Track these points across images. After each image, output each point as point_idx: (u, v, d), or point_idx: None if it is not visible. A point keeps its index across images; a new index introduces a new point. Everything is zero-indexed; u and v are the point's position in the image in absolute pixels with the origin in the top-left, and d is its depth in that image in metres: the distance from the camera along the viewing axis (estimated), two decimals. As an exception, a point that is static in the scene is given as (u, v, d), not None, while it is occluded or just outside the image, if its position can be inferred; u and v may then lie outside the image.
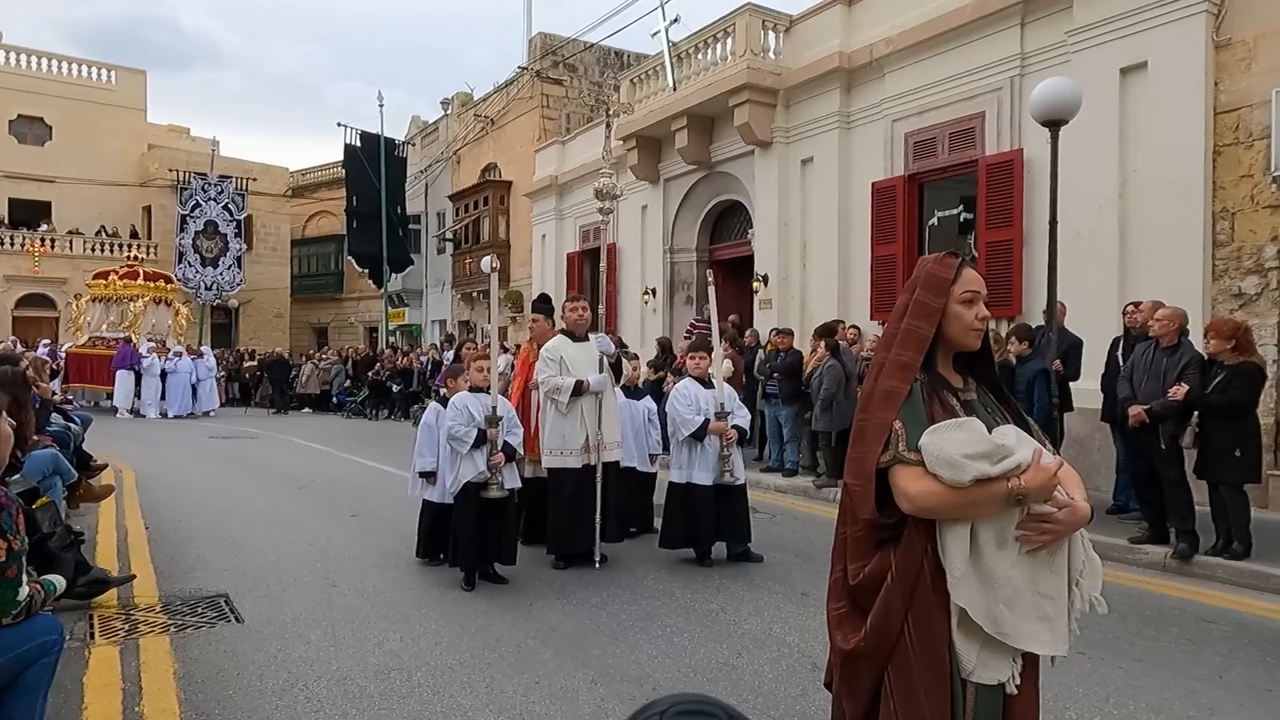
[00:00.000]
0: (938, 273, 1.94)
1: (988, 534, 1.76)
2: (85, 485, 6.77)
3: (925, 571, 1.80)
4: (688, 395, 6.06)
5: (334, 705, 3.56)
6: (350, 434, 15.91)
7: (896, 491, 1.79)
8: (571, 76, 22.79)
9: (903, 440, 1.81)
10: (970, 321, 1.91)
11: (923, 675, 1.78)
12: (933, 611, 1.79)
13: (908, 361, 1.88)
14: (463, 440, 5.25)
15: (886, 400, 1.86)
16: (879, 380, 1.91)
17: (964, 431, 1.76)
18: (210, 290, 28.37)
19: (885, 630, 1.81)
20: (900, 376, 1.87)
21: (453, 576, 5.45)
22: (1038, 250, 8.80)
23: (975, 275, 1.94)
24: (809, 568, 5.90)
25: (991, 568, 1.75)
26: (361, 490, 9.15)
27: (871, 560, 1.88)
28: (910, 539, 1.82)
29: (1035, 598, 1.77)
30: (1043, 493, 1.73)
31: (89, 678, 3.82)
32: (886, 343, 1.97)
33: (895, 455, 1.80)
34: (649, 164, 15.72)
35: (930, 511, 1.77)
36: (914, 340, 1.90)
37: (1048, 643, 1.79)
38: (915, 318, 1.92)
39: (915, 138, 10.93)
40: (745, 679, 3.88)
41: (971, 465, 1.71)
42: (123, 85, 31.03)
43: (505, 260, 22.44)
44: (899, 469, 1.79)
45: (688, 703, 0.86)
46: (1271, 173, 7.52)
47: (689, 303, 15.72)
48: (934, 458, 1.74)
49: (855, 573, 1.91)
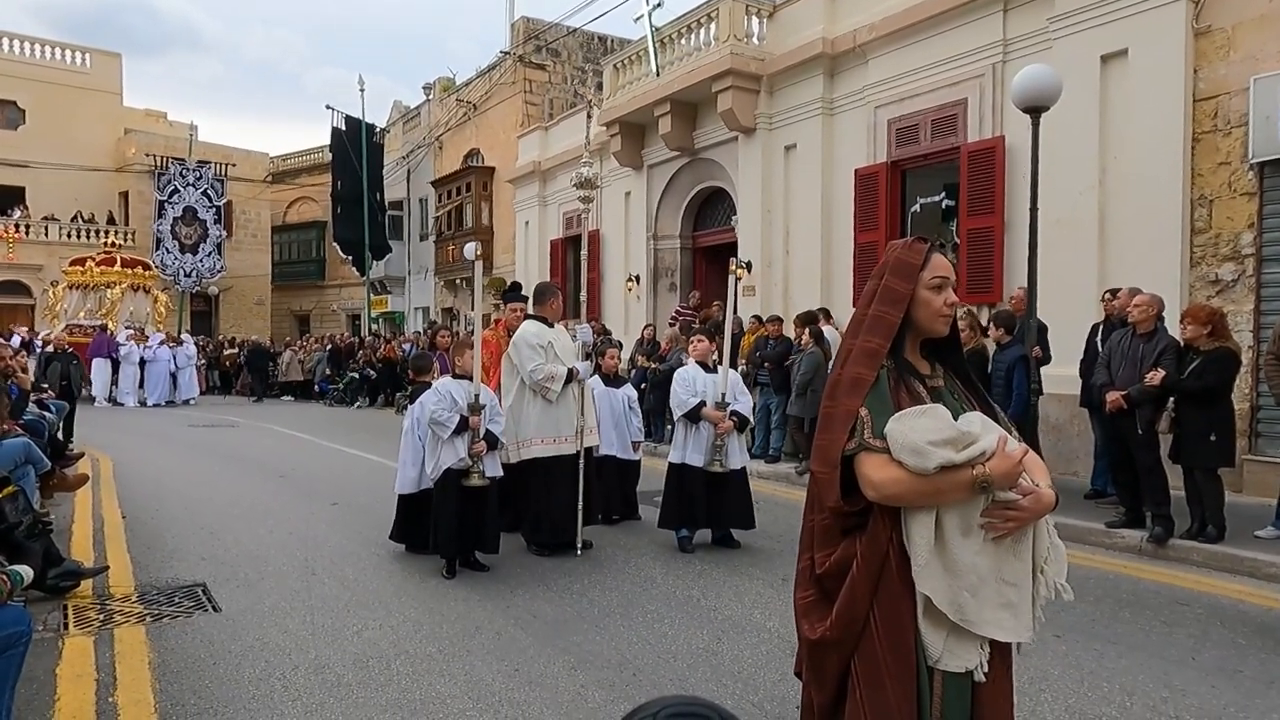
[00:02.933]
0: (906, 258, 1.92)
1: (952, 521, 1.76)
2: (59, 475, 6.68)
3: (891, 559, 1.79)
4: (687, 378, 6.07)
5: (311, 694, 3.53)
6: (332, 422, 15.81)
7: (861, 479, 1.78)
8: (554, 62, 22.63)
9: (868, 427, 1.79)
10: (939, 307, 1.89)
11: (889, 664, 1.77)
12: (899, 600, 1.78)
13: (875, 348, 1.87)
14: (444, 425, 5.22)
15: (853, 387, 1.84)
16: (846, 366, 1.89)
17: (929, 418, 1.76)
18: (189, 277, 28.07)
19: (851, 619, 1.80)
20: (867, 363, 1.85)
21: (433, 564, 5.43)
22: (1018, 237, 8.85)
23: (944, 260, 1.93)
24: (790, 554, 5.89)
25: (956, 555, 1.75)
26: (342, 479, 9.09)
27: (838, 548, 1.87)
28: (875, 527, 1.81)
29: (999, 585, 1.76)
30: (1007, 479, 1.72)
31: (62, 669, 3.78)
32: (854, 329, 1.95)
33: (860, 443, 1.79)
34: (632, 150, 15.64)
35: (895, 499, 1.76)
36: (881, 326, 1.88)
37: (1011, 630, 1.78)
38: (883, 303, 1.90)
39: (898, 124, 10.93)
40: (725, 664, 3.89)
41: (936, 452, 1.70)
42: (97, 68, 30.52)
43: (488, 247, 22.32)
44: (864, 456, 1.78)
45: (680, 704, 0.85)
46: (1249, 160, 7.58)
47: (673, 289, 15.70)
48: (899, 445, 1.73)
49: (821, 561, 1.90)
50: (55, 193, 28.44)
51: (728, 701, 3.47)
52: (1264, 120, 7.41)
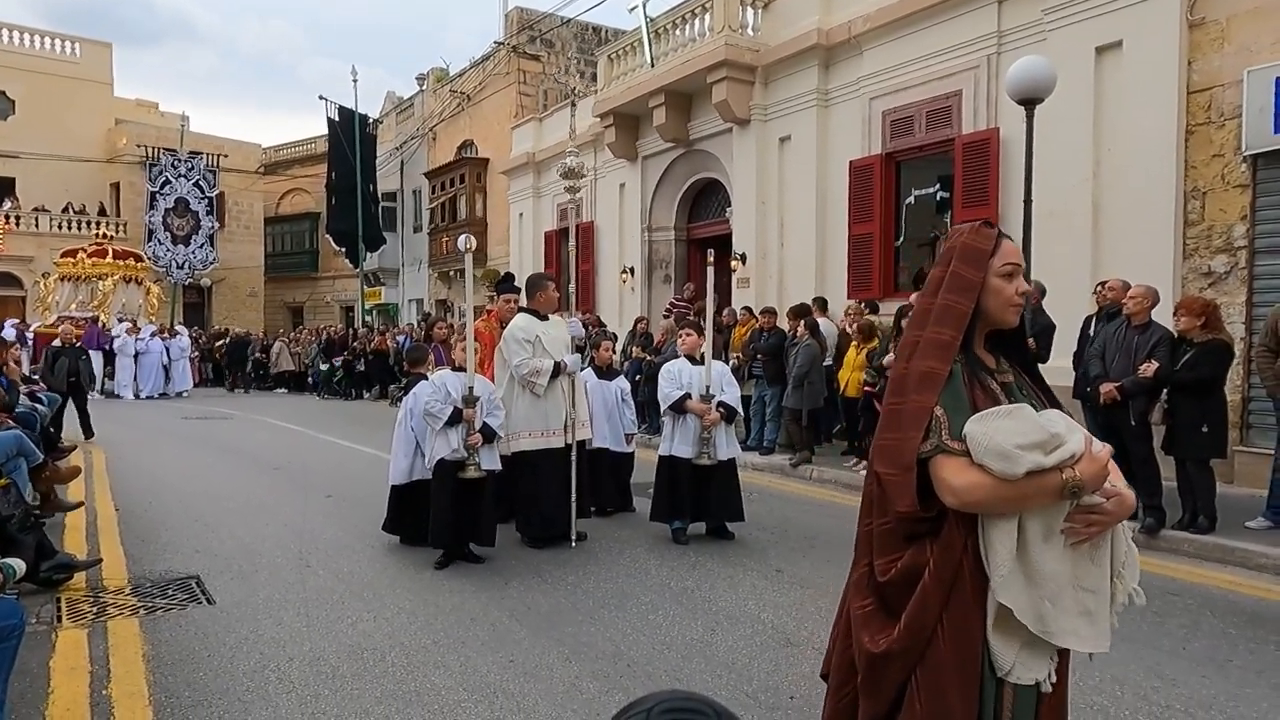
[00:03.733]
0: (975, 244, 1.80)
1: (1035, 528, 1.64)
2: (51, 467, 6.66)
3: (965, 568, 1.67)
4: (673, 372, 6.08)
5: (306, 686, 3.54)
6: (326, 414, 15.78)
7: (938, 484, 1.65)
8: (549, 52, 22.53)
9: (945, 428, 1.66)
10: (1010, 296, 1.78)
11: (952, 676, 1.67)
12: (970, 610, 1.67)
13: (947, 340, 1.73)
14: (437, 417, 5.22)
15: (924, 382, 1.71)
16: (913, 360, 1.75)
17: (1015, 419, 1.64)
18: (182, 269, 27.93)
19: (920, 630, 1.69)
20: (939, 356, 1.72)
21: (427, 556, 5.43)
22: (1013, 229, 8.81)
23: (1014, 247, 1.82)
24: (784, 545, 5.94)
25: (1038, 563, 1.64)
26: (337, 471, 9.08)
27: (904, 555, 1.73)
28: (950, 534, 1.68)
29: (1077, 592, 1.67)
30: (1096, 483, 1.62)
31: (55, 661, 3.77)
32: (919, 320, 1.81)
33: (938, 444, 1.66)
34: (627, 141, 15.60)
35: (977, 506, 1.63)
36: (952, 316, 1.75)
37: (1088, 639, 1.70)
38: (952, 292, 1.77)
39: (892, 116, 10.92)
40: (719, 655, 3.91)
41: (1025, 456, 1.58)
42: (88, 58, 30.27)
43: (482, 238, 22.27)
44: (941, 459, 1.65)
45: (675, 699, 0.84)
46: (1242, 152, 7.59)
47: (667, 281, 15.68)
48: (982, 448, 1.61)
49: (884, 569, 1.76)
50: (46, 184, 28.25)
51: (721, 693, 3.49)
52: (1257, 113, 7.42)
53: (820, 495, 7.90)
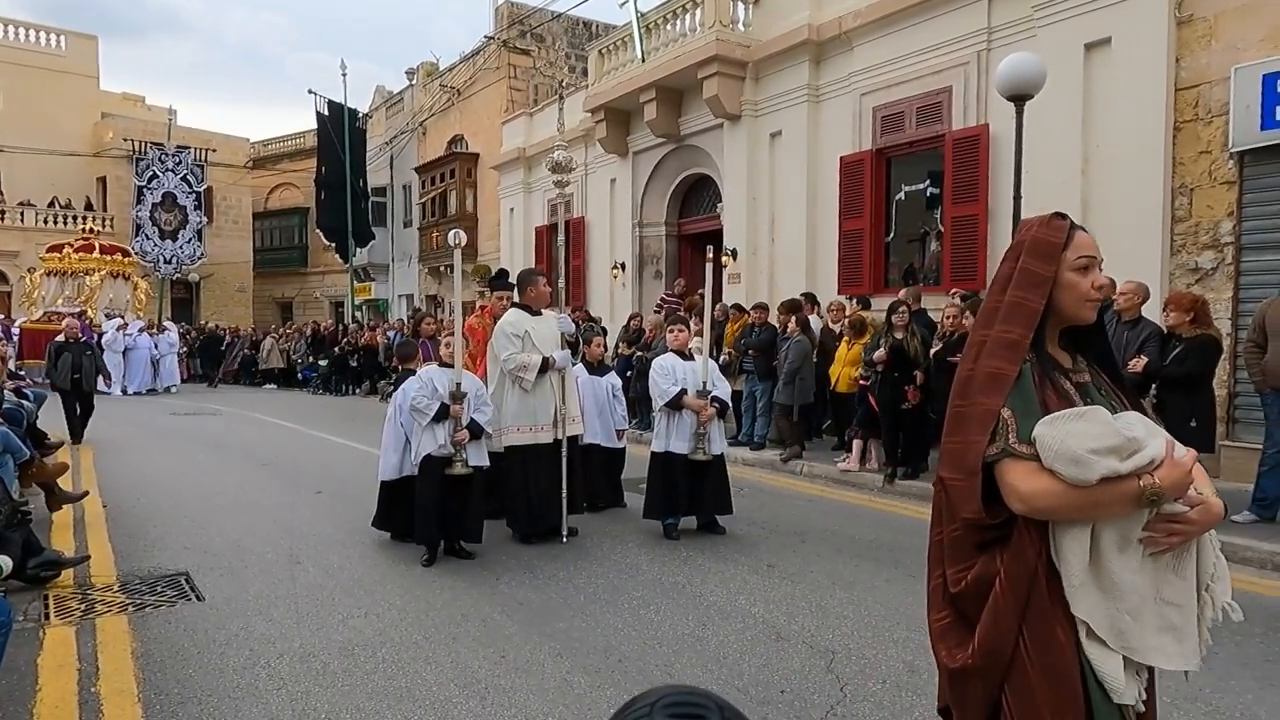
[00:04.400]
0: (1046, 236, 1.70)
1: (1109, 536, 1.55)
2: (39, 464, 6.60)
3: (1040, 577, 1.57)
4: (666, 367, 6.07)
5: (297, 682, 3.53)
6: (316, 410, 15.72)
7: (1006, 489, 1.57)
8: (539, 47, 22.45)
9: (1013, 431, 1.58)
10: (1086, 291, 1.68)
11: (1045, 695, 1.55)
12: (1052, 623, 1.56)
13: (1015, 339, 1.64)
14: (423, 413, 5.20)
15: (991, 384, 1.62)
16: (980, 360, 1.66)
17: (1088, 422, 1.54)
18: (170, 264, 27.72)
19: (996, 645, 1.58)
20: (1006, 356, 1.63)
21: (417, 552, 5.41)
22: (1002, 224, 8.90)
23: (1089, 239, 1.72)
24: (775, 540, 5.96)
25: (1114, 574, 1.54)
26: (327, 467, 9.04)
27: (975, 565, 1.64)
28: (1020, 541, 1.58)
29: (1160, 606, 1.57)
30: (1177, 490, 1.52)
31: (43, 659, 3.75)
32: (986, 318, 1.72)
33: (1004, 448, 1.58)
34: (618, 137, 15.57)
35: (1046, 513, 1.55)
36: (1021, 314, 1.65)
37: (1175, 656, 1.58)
38: (1022, 288, 1.67)
39: (883, 112, 10.93)
40: (710, 649, 3.92)
41: (1099, 462, 1.49)
42: (73, 51, 29.96)
43: (473, 234, 22.19)
44: (1009, 464, 1.57)
45: (677, 694, 0.84)
46: (1229, 149, 7.64)
47: (658, 277, 15.68)
48: (1053, 452, 1.52)
49: (957, 579, 1.67)
50: (30, 178, 27.95)
51: (713, 686, 3.48)
52: (1244, 110, 7.47)
53: (811, 490, 7.92)
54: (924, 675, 3.61)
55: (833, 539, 6.01)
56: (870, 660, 3.78)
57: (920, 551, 5.91)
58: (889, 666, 3.71)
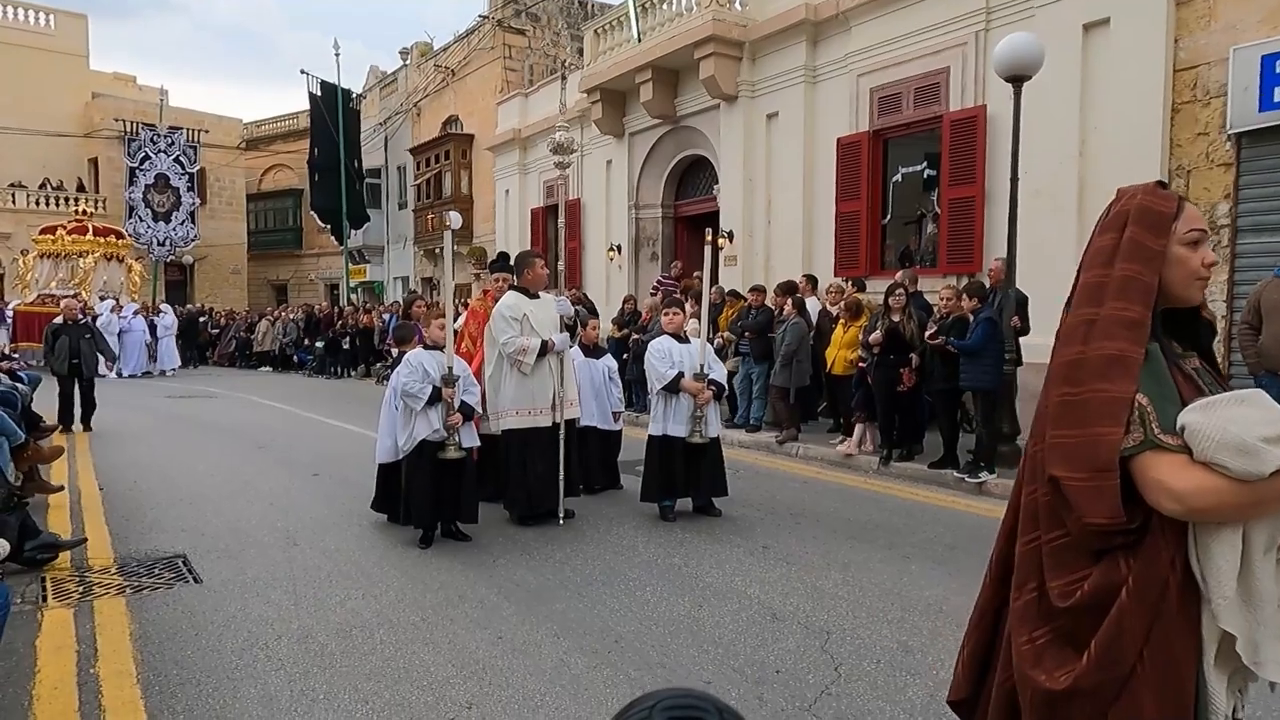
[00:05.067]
0: (1154, 205, 1.53)
1: (1259, 539, 1.39)
2: (34, 447, 6.60)
3: (1172, 588, 1.41)
4: (663, 350, 6.07)
5: (295, 664, 3.55)
6: (311, 392, 15.70)
7: (1152, 487, 1.39)
8: (534, 26, 22.25)
9: (1153, 420, 1.40)
10: (1196, 268, 1.53)
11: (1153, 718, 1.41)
12: (1175, 639, 1.41)
13: (1135, 317, 1.46)
14: (416, 397, 5.20)
15: (1113, 367, 1.43)
16: (1092, 342, 1.47)
17: (1251, 407, 1.37)
18: (163, 246, 27.58)
19: (1115, 664, 1.42)
20: (1128, 337, 1.45)
21: (414, 535, 5.42)
22: (998, 207, 8.86)
23: (1197, 211, 1.57)
24: (770, 521, 5.99)
25: (1257, 581, 1.39)
26: (323, 449, 9.05)
27: (1091, 574, 1.46)
28: (1154, 545, 1.41)
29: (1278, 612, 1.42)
30: None
31: (42, 641, 3.76)
32: (1090, 295, 1.53)
33: (1147, 439, 1.40)
34: (613, 118, 15.48)
35: (1204, 513, 1.38)
36: (1137, 290, 1.47)
37: None
38: (1133, 262, 1.49)
39: (880, 93, 10.87)
40: (706, 630, 3.94)
41: (1271, 451, 1.33)
42: (62, 30, 29.64)
43: (468, 215, 22.11)
44: (1152, 457, 1.39)
45: (676, 697, 0.85)
46: (1226, 130, 7.62)
47: (654, 259, 15.64)
48: (1213, 442, 1.35)
49: (1067, 591, 1.48)
50: (20, 159, 27.69)
51: (708, 667, 3.53)
52: (1242, 91, 7.44)
53: (806, 472, 7.96)
54: (918, 655, 3.64)
55: (828, 520, 6.04)
56: (865, 640, 3.81)
57: (914, 532, 5.94)
58: (883, 646, 3.74)
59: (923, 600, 4.33)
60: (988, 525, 5.97)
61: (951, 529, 5.77)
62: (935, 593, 4.44)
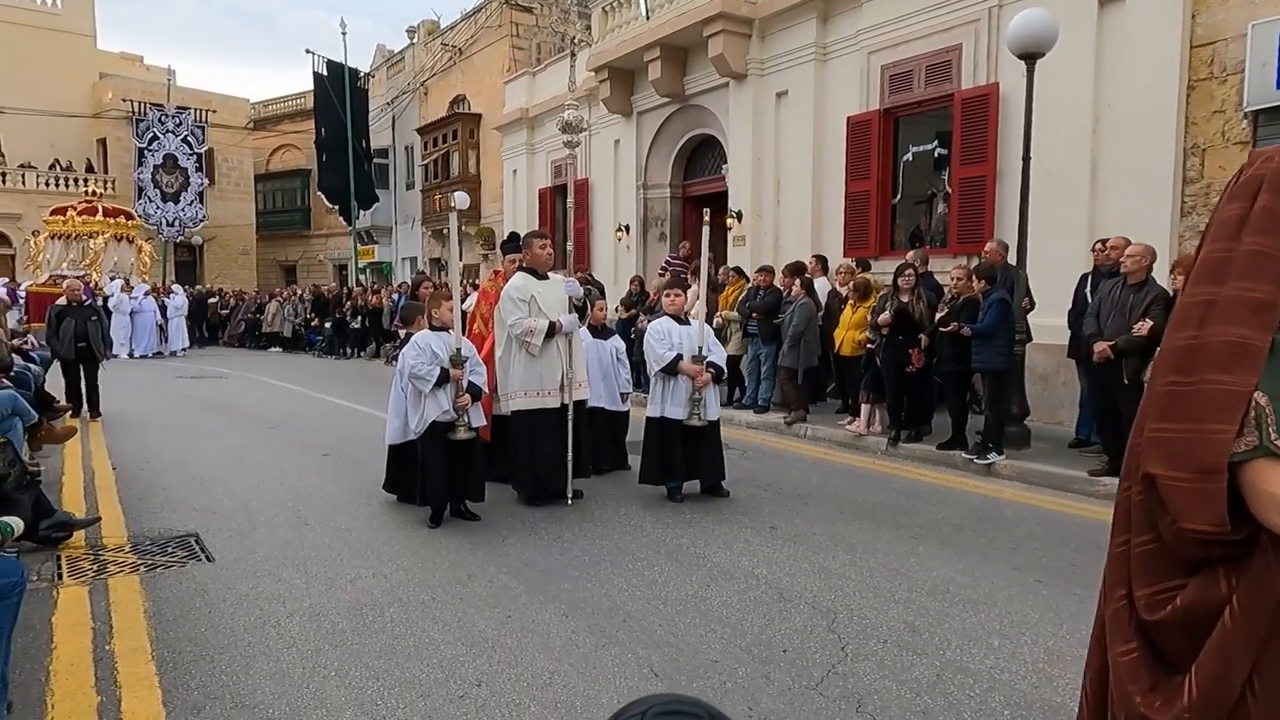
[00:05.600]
0: None
1: None
2: (47, 427, 6.66)
3: None
4: (662, 331, 6.05)
5: (306, 641, 3.59)
6: (321, 373, 15.77)
7: (1263, 500, 1.22)
8: (542, 4, 22.07)
9: (1271, 421, 1.22)
10: None
11: None
12: None
13: (1263, 299, 1.25)
14: (424, 379, 5.21)
15: (1233, 356, 1.25)
16: (1209, 326, 1.28)
17: None
18: (172, 227, 27.68)
19: (1223, 692, 1.27)
20: (1254, 322, 1.25)
21: (424, 515, 5.46)
22: (1010, 186, 8.79)
23: None
24: (778, 502, 6.00)
25: None
26: (333, 429, 9.10)
27: (1184, 588, 1.32)
28: (1263, 564, 1.24)
29: None
30: None
31: (58, 618, 3.81)
32: (1210, 272, 1.32)
33: (1263, 444, 1.22)
34: (621, 97, 15.37)
35: None
36: (1268, 268, 1.26)
37: None
38: (1266, 235, 1.27)
39: (891, 70, 10.75)
40: (713, 610, 3.96)
41: None
42: (69, 9, 29.56)
43: (476, 196, 22.06)
44: (1266, 466, 1.22)
45: (669, 703, 0.86)
46: (1243, 108, 7.51)
47: (662, 239, 15.58)
48: None
49: (1154, 603, 1.35)
50: (29, 140, 27.74)
51: (715, 646, 3.55)
52: (1260, 68, 7.32)
53: (814, 453, 7.96)
54: (924, 635, 3.66)
55: (836, 501, 6.05)
56: (871, 620, 3.83)
57: (922, 513, 5.94)
58: (890, 626, 3.75)
59: (930, 581, 4.34)
60: (996, 507, 5.97)
61: (959, 510, 5.77)
62: (942, 573, 4.44)
